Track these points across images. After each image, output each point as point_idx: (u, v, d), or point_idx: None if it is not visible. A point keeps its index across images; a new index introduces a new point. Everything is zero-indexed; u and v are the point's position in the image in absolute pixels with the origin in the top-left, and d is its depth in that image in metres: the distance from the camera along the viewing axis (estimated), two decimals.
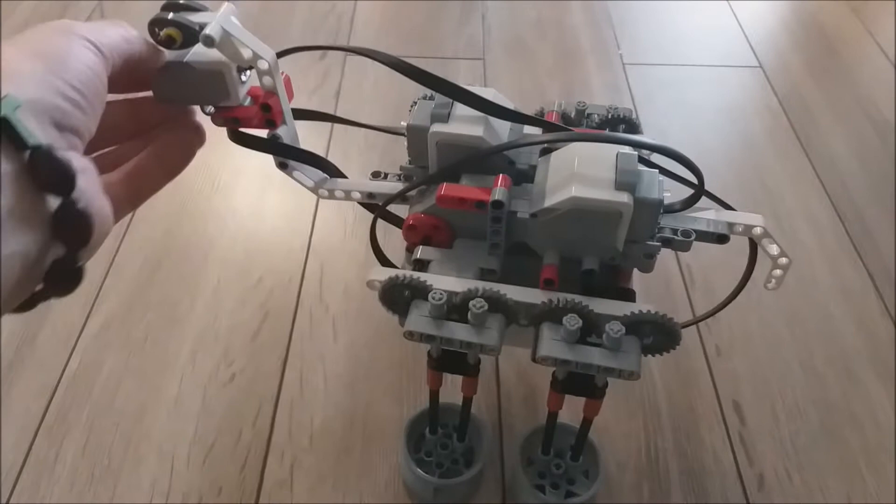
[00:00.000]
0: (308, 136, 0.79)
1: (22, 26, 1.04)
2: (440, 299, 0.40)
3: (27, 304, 0.29)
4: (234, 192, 0.78)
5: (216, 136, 0.42)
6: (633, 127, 0.48)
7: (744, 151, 0.84)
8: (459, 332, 0.40)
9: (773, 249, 0.44)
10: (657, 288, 0.69)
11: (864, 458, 0.58)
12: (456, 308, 0.40)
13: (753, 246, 0.45)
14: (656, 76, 0.96)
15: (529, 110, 0.48)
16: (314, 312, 0.67)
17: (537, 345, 0.40)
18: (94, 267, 0.70)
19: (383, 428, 0.58)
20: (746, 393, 0.62)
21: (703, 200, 0.44)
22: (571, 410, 0.49)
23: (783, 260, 0.45)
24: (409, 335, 0.40)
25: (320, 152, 0.47)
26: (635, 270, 0.45)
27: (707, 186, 0.43)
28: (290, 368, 0.63)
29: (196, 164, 0.38)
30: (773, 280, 0.46)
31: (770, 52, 1.00)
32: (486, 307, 0.39)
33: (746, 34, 1.04)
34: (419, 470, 0.52)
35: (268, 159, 0.45)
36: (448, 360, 0.45)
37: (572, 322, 0.39)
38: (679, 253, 0.71)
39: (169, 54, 0.40)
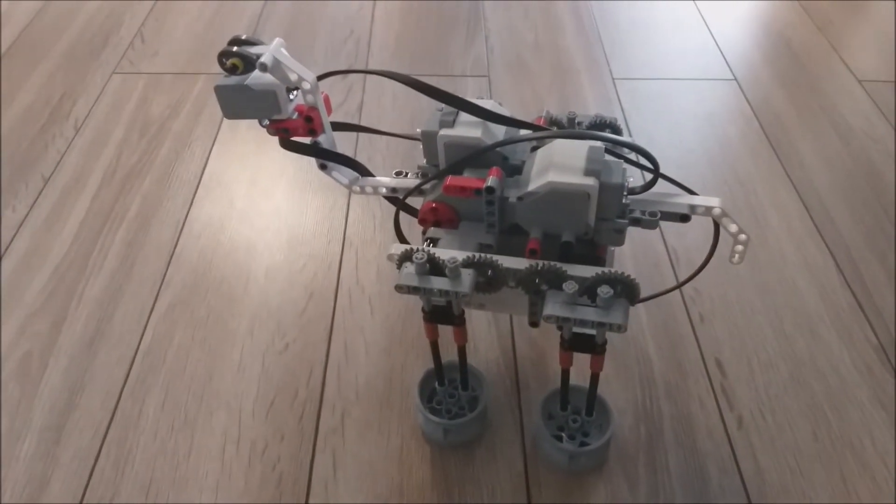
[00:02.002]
0: (337, 142, 0.90)
1: (88, 26, 1.16)
2: (421, 259, 0.50)
3: None
4: (276, 193, 0.89)
5: (259, 146, 0.53)
6: (617, 130, 0.59)
7: (721, 152, 0.95)
8: (436, 282, 0.50)
9: (733, 227, 0.53)
10: (648, 268, 0.80)
11: (827, 402, 0.68)
12: (462, 267, 0.50)
13: (716, 225, 0.55)
14: (643, 89, 1.07)
15: (530, 120, 0.58)
16: (352, 292, 0.77)
17: (543, 306, 0.50)
18: (156, 259, 0.80)
19: (417, 381, 0.68)
20: (726, 352, 0.72)
21: (671, 187, 0.54)
22: (582, 371, 0.58)
23: (742, 236, 0.53)
24: (399, 288, 0.51)
25: (349, 156, 0.58)
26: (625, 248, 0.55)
27: (690, 182, 0.53)
28: (335, 338, 0.73)
29: (241, 169, 0.49)
30: (737, 255, 0.55)
31: (743, 67, 1.12)
32: (459, 263, 0.50)
33: (722, 51, 1.16)
34: (430, 415, 0.62)
35: (305, 166, 0.56)
36: (438, 312, 0.55)
37: (570, 286, 0.49)
38: (666, 237, 0.82)
39: (233, 79, 0.52)
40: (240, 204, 0.87)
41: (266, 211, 0.87)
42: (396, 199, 0.61)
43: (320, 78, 0.54)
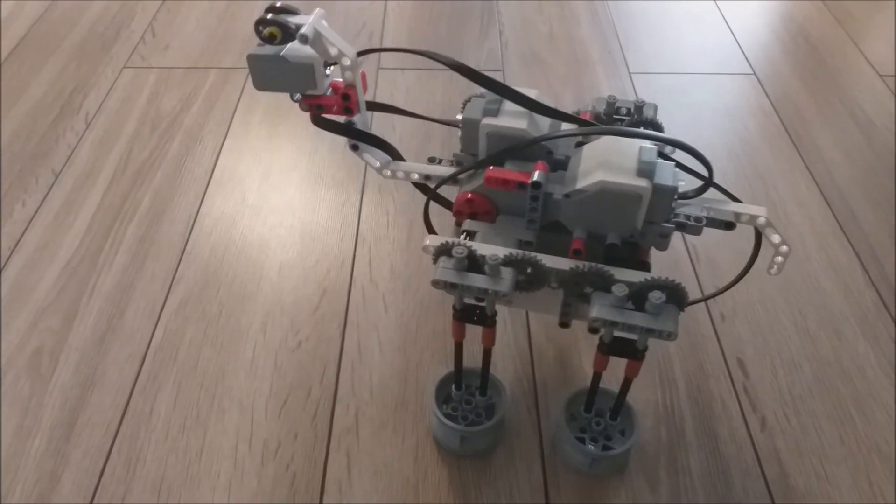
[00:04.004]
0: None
1: (99, 19, 1.15)
2: (461, 254, 0.48)
3: None
4: (289, 188, 0.88)
5: (271, 140, 0.52)
6: (658, 129, 0.57)
7: (741, 147, 0.93)
8: (477, 280, 0.48)
9: (776, 238, 0.51)
10: (668, 266, 0.78)
11: (854, 404, 0.66)
12: (502, 265, 0.48)
13: (758, 234, 0.52)
14: (660, 83, 1.05)
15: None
16: (366, 289, 0.76)
17: (579, 308, 0.48)
18: (168, 254, 0.79)
19: (433, 384, 0.67)
20: (748, 352, 0.70)
21: (716, 193, 0.52)
22: (609, 373, 0.57)
23: (784, 248, 0.51)
24: (436, 283, 0.48)
25: None
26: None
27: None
28: (349, 336, 0.71)
29: (253, 164, 0.47)
30: (776, 266, 0.52)
31: (762, 61, 1.10)
32: (500, 260, 0.47)
33: (741, 45, 1.14)
34: (447, 421, 0.59)
35: (317, 160, 0.55)
36: (469, 312, 0.53)
37: (620, 290, 0.47)
38: (686, 236, 0.81)
39: (268, 49, 0.49)
40: (252, 199, 0.86)
41: (278, 206, 0.85)
42: (427, 188, 0.58)
43: (360, 54, 0.51)
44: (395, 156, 0.58)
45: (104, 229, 0.83)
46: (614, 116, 0.58)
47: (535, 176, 0.48)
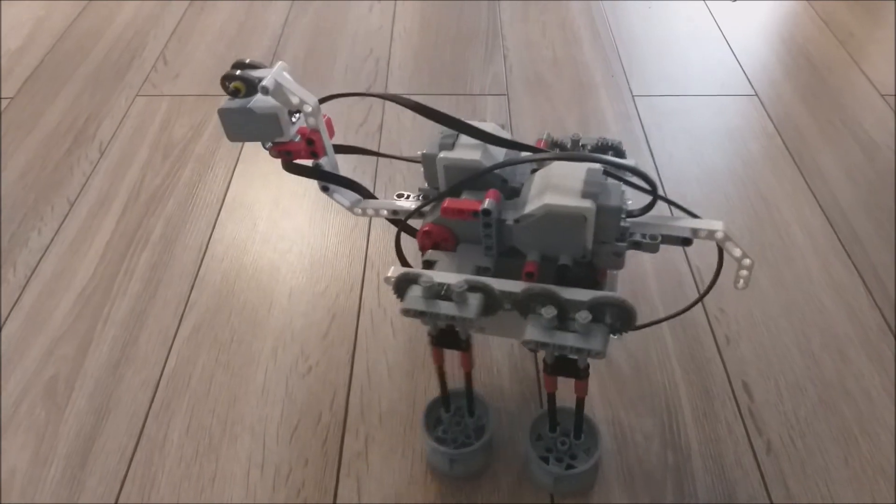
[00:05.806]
0: (359, 163, 0.90)
1: (112, 48, 1.17)
2: (428, 282, 0.50)
3: None
4: (298, 214, 0.89)
5: (280, 166, 0.54)
6: (620, 153, 0.58)
7: (744, 169, 0.94)
8: (444, 307, 0.50)
9: (737, 252, 0.51)
10: (671, 288, 0.79)
11: (858, 426, 0.67)
12: (449, 295, 0.51)
13: (720, 249, 0.53)
14: (663, 106, 1.07)
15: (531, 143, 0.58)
16: (374, 314, 0.77)
17: (523, 332, 0.49)
18: (180, 281, 0.81)
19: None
20: (753, 374, 0.71)
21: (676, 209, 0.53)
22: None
23: (746, 261, 0.52)
24: (406, 312, 0.50)
25: (370, 176, 0.58)
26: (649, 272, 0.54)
27: (713, 199, 0.52)
28: (358, 361, 0.73)
29: (263, 190, 0.49)
30: (741, 280, 0.52)
31: (764, 82, 1.12)
32: (465, 288, 0.49)
33: (742, 66, 1.15)
34: (435, 444, 0.60)
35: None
36: (444, 337, 0.55)
37: (549, 311, 0.48)
38: (690, 258, 0.82)
39: (236, 102, 0.53)
40: (262, 226, 0.88)
41: (288, 232, 0.87)
42: (398, 222, 0.61)
43: (322, 101, 0.54)
44: (365, 194, 0.61)
45: (118, 257, 0.84)
46: (580, 144, 0.59)
47: (486, 204, 0.50)
